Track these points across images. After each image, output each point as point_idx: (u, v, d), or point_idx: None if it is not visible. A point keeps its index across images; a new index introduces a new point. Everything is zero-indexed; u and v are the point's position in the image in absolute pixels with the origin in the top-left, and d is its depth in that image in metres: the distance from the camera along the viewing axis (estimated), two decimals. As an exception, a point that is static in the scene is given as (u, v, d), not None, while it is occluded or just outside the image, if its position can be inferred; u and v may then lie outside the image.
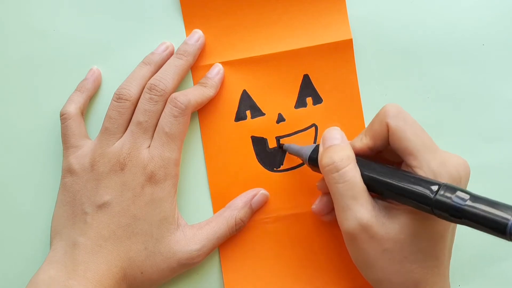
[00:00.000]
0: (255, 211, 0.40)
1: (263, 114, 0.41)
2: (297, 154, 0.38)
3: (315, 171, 0.37)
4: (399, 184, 0.31)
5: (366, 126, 0.40)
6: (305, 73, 0.41)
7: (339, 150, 0.33)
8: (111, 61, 0.42)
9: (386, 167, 0.33)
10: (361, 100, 0.40)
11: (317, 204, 0.38)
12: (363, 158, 0.34)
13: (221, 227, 0.39)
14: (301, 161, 0.40)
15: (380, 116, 0.33)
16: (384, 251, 0.32)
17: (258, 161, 0.41)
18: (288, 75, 0.41)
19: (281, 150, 0.41)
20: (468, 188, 0.31)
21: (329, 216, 0.38)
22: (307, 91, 0.41)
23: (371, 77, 0.41)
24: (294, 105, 0.41)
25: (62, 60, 0.42)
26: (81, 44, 0.42)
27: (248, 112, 0.41)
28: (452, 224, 0.33)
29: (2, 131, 0.42)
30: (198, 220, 0.40)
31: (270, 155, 0.41)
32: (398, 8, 0.41)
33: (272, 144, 0.41)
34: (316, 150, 0.36)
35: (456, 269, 0.34)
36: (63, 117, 0.40)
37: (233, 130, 0.41)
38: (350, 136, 0.40)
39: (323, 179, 0.37)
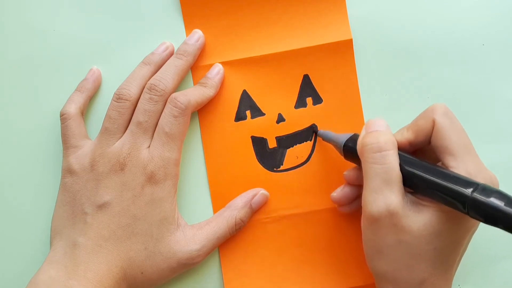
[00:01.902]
0: (255, 211, 0.40)
1: (263, 114, 0.41)
2: (331, 140, 0.38)
3: (347, 159, 0.37)
4: (437, 180, 0.31)
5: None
6: (305, 73, 0.41)
7: (385, 134, 0.33)
8: (111, 61, 0.42)
9: (424, 161, 0.33)
10: (361, 100, 0.40)
11: (338, 192, 0.38)
12: (402, 152, 0.34)
13: (221, 227, 0.39)
14: (301, 161, 0.40)
15: (428, 112, 0.33)
16: (401, 242, 0.32)
17: (258, 161, 0.41)
18: (288, 75, 0.41)
19: (314, 133, 0.40)
20: None
21: (346, 208, 0.38)
22: (307, 91, 0.41)
23: (371, 77, 0.41)
24: (294, 105, 0.41)
25: (62, 60, 0.42)
26: (81, 44, 0.42)
27: (248, 112, 0.41)
28: (472, 231, 0.33)
29: (2, 131, 0.42)
30: (198, 220, 0.40)
31: (270, 155, 0.41)
32: (398, 8, 0.41)
33: (272, 144, 0.41)
34: (352, 138, 0.36)
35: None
36: (63, 117, 0.40)
37: (233, 130, 0.41)
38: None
39: (353, 169, 0.37)
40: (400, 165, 0.32)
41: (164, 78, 0.39)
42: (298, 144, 0.41)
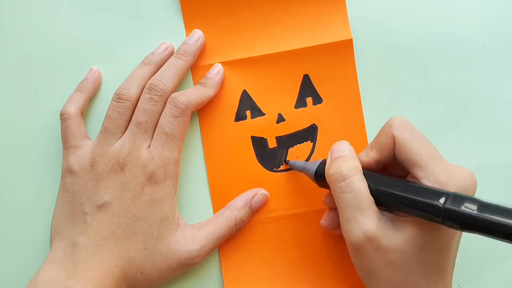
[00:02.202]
0: (255, 211, 0.40)
1: (263, 114, 0.41)
2: (302, 170, 0.38)
3: (321, 186, 0.37)
4: (407, 195, 0.31)
5: (366, 126, 0.40)
6: (305, 73, 0.41)
7: (347, 161, 0.33)
8: (111, 61, 0.42)
9: (393, 179, 0.33)
10: (361, 100, 0.40)
11: (325, 218, 0.38)
12: (370, 171, 0.33)
13: (221, 227, 0.39)
14: (301, 161, 0.41)
15: (386, 128, 0.33)
16: (389, 262, 0.31)
17: (258, 161, 0.41)
18: (288, 75, 0.41)
19: (284, 164, 0.41)
20: None
21: (339, 230, 0.38)
22: (307, 91, 0.41)
23: (371, 77, 0.41)
24: (294, 105, 0.41)
25: (62, 60, 0.42)
26: (81, 44, 0.42)
27: (248, 112, 0.41)
28: (457, 235, 0.33)
29: (2, 131, 0.42)
30: (198, 220, 0.40)
31: (270, 155, 0.41)
32: (398, 8, 0.41)
33: (272, 144, 0.41)
34: (321, 165, 0.36)
35: (456, 269, 0.34)
36: (63, 117, 0.40)
37: (233, 130, 0.41)
38: (350, 135, 0.40)
39: (329, 194, 0.37)
40: (370, 186, 0.32)
41: (164, 78, 0.39)
42: (298, 144, 0.41)
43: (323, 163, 0.36)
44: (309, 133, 0.41)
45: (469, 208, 0.28)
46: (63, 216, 0.38)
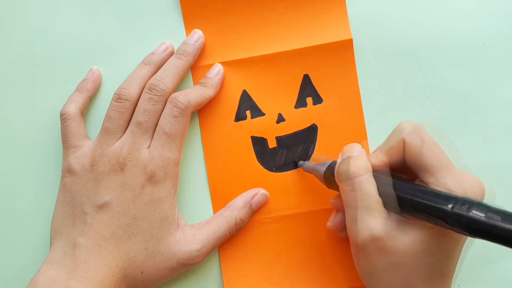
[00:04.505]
0: (255, 211, 0.40)
1: (263, 114, 0.41)
2: (312, 171, 0.38)
3: (330, 188, 0.37)
4: (416, 198, 0.31)
5: (366, 126, 0.40)
6: (305, 73, 0.41)
7: (357, 160, 0.33)
8: (111, 61, 0.42)
9: (402, 181, 0.32)
10: (361, 100, 0.40)
11: (332, 221, 0.38)
12: (379, 173, 0.33)
13: (221, 227, 0.39)
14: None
15: (396, 133, 0.33)
16: (392, 264, 0.31)
17: (258, 161, 0.41)
18: (288, 75, 0.41)
19: (295, 165, 0.41)
20: None
21: (345, 233, 0.38)
22: (307, 91, 0.41)
23: (371, 77, 0.41)
24: (294, 105, 0.41)
25: (62, 60, 0.42)
26: (81, 44, 0.42)
27: (248, 112, 0.41)
28: (462, 241, 0.33)
29: (2, 131, 0.42)
30: (198, 220, 0.40)
31: (270, 155, 0.41)
32: (398, 8, 0.41)
33: (272, 144, 0.41)
34: (331, 166, 0.36)
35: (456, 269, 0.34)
36: (63, 117, 0.40)
37: (233, 130, 0.41)
38: (350, 135, 0.40)
39: (338, 196, 0.37)
40: (378, 188, 0.32)
41: (164, 78, 0.39)
42: (298, 144, 0.41)
43: (333, 164, 0.36)
44: (309, 133, 0.41)
45: (478, 214, 0.27)
46: (63, 216, 0.38)
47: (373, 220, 0.31)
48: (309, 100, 0.41)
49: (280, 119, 0.41)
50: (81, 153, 0.39)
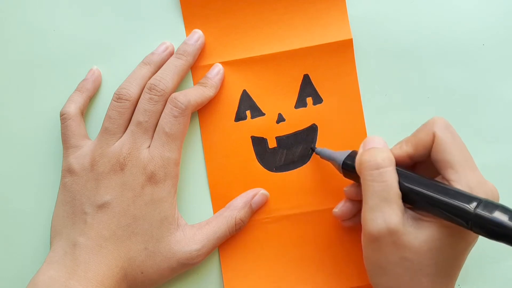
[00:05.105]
0: (255, 211, 0.40)
1: (263, 114, 0.41)
2: (329, 158, 0.38)
3: (346, 177, 0.36)
4: (437, 195, 0.30)
5: (366, 126, 0.40)
6: (305, 73, 0.41)
7: (382, 151, 0.33)
8: (111, 61, 0.42)
9: (424, 177, 0.32)
10: (361, 100, 0.40)
11: (340, 208, 0.38)
12: (401, 167, 0.33)
13: (221, 227, 0.39)
14: (302, 161, 0.40)
15: (428, 126, 0.33)
16: (403, 259, 0.31)
17: (258, 161, 0.41)
18: (288, 75, 0.41)
19: (311, 151, 0.40)
20: None
21: (349, 222, 0.38)
22: (307, 91, 0.41)
23: (371, 77, 0.41)
24: (294, 105, 0.41)
25: (62, 60, 0.42)
26: (81, 44, 0.42)
27: (248, 112, 0.41)
28: (473, 244, 0.33)
29: (2, 131, 0.42)
30: (198, 220, 0.40)
31: (270, 155, 0.41)
32: (398, 8, 0.41)
33: (272, 144, 0.41)
34: (350, 156, 0.36)
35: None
36: (63, 117, 0.40)
37: (233, 130, 0.41)
38: (350, 135, 0.40)
39: (353, 185, 0.37)
40: (399, 181, 0.32)
41: (164, 78, 0.39)
42: (298, 144, 0.41)
43: (352, 154, 0.36)
44: (309, 133, 0.41)
45: (500, 217, 0.27)
46: (63, 216, 0.38)
47: (391, 212, 0.31)
48: (309, 100, 0.41)
49: (280, 119, 0.41)
50: (81, 153, 0.39)
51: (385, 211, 0.31)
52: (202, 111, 0.41)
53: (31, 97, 0.42)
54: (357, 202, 0.37)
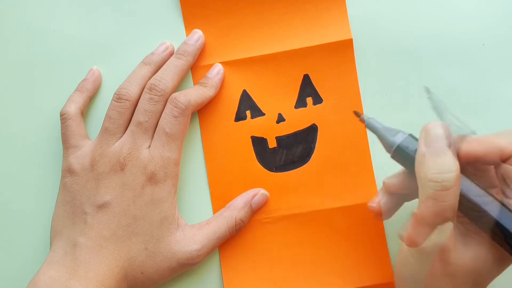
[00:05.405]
0: (255, 211, 0.40)
1: (263, 114, 0.41)
2: (379, 134, 0.33)
3: (393, 159, 0.33)
4: (500, 221, 0.29)
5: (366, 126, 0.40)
6: (305, 73, 0.41)
7: (449, 163, 0.29)
8: (111, 61, 0.42)
9: (484, 190, 0.30)
10: (361, 100, 0.40)
11: (377, 203, 0.35)
12: (462, 174, 0.30)
13: (221, 227, 0.39)
14: (302, 161, 0.40)
15: None
16: (445, 275, 0.30)
17: (258, 161, 0.41)
18: (288, 75, 0.41)
19: (359, 116, 0.36)
20: None
21: (385, 216, 0.35)
22: (307, 91, 0.41)
23: (371, 77, 0.41)
24: (294, 105, 0.41)
25: (62, 60, 0.42)
26: (81, 44, 0.42)
27: (248, 112, 0.41)
28: (506, 268, 0.32)
29: (2, 131, 0.42)
30: (198, 220, 0.40)
31: (270, 155, 0.41)
32: (398, 8, 0.41)
33: (272, 144, 0.41)
34: (407, 141, 0.32)
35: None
36: (63, 117, 0.40)
37: (233, 130, 0.41)
38: (350, 135, 0.40)
39: (396, 175, 0.34)
40: (461, 194, 0.29)
41: (164, 78, 0.39)
42: (298, 144, 0.41)
43: (409, 138, 0.32)
44: (309, 133, 0.41)
45: None
46: (63, 216, 0.38)
47: (446, 229, 0.29)
48: (309, 100, 0.41)
49: (280, 119, 0.41)
50: (81, 153, 0.39)
51: (439, 228, 0.29)
52: (202, 111, 0.41)
53: (31, 97, 0.42)
54: (398, 197, 0.34)
